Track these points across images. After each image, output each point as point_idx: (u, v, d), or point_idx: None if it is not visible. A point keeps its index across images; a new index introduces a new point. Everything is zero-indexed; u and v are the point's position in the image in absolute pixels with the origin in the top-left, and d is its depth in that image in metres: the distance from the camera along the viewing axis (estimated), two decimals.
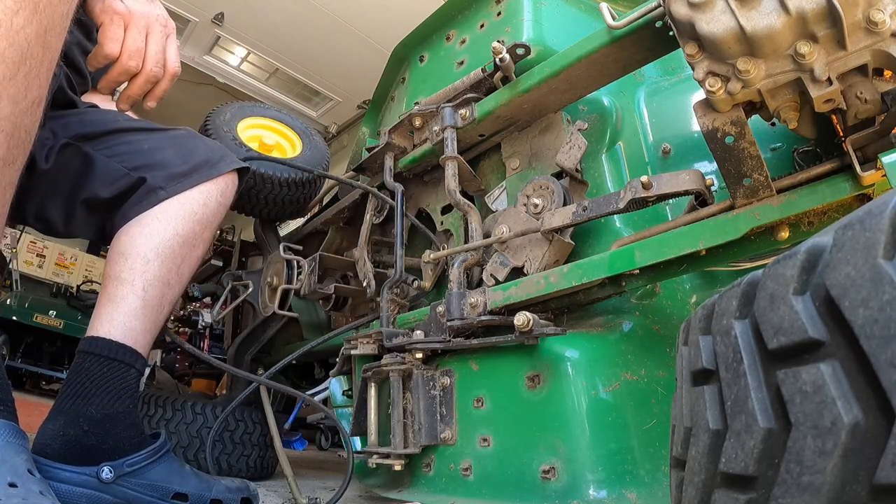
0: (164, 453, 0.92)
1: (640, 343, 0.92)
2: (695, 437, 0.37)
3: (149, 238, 1.02)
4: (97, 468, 0.85)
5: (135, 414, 0.94)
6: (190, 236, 1.06)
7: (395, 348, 1.03)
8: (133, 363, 0.96)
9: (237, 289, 1.73)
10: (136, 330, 0.97)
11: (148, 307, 0.99)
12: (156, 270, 1.00)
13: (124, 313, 0.97)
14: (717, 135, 0.70)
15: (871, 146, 0.68)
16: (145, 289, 0.99)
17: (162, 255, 1.01)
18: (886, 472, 0.24)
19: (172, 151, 1.09)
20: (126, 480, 0.87)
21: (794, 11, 0.58)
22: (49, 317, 5.59)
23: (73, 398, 0.90)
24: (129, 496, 0.87)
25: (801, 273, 0.31)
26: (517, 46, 1.01)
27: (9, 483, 0.68)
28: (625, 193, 0.84)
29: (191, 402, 1.53)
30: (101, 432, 0.88)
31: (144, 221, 1.03)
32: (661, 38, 0.85)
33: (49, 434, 0.87)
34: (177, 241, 1.04)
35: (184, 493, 0.90)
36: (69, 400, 0.90)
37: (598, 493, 0.77)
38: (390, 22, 4.26)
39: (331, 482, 1.60)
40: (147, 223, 1.03)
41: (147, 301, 0.99)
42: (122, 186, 1.04)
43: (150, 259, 1.00)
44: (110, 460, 0.86)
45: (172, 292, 1.04)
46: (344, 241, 1.58)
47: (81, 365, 0.93)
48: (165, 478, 0.90)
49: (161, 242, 1.02)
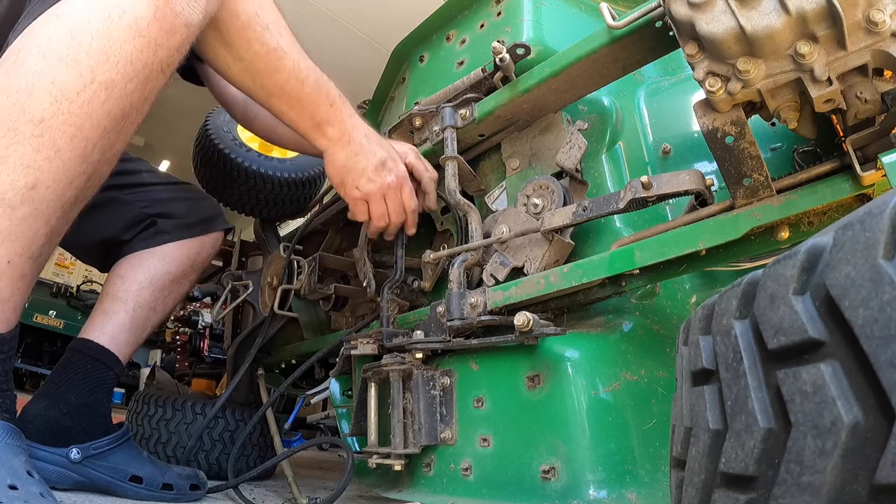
0: (125, 441, 1.06)
1: (640, 343, 0.92)
2: (695, 437, 0.37)
3: (146, 270, 1.23)
4: (67, 450, 0.97)
5: (106, 407, 1.10)
6: (180, 275, 1.28)
7: (395, 348, 1.03)
8: (113, 366, 1.13)
9: (237, 289, 1.73)
10: (121, 341, 1.15)
11: (135, 324, 1.18)
12: (147, 296, 1.21)
13: (114, 325, 1.15)
14: (717, 135, 0.70)
15: (871, 146, 0.68)
16: (135, 309, 1.18)
17: (154, 286, 1.23)
18: (886, 472, 0.24)
19: (183, 205, 1.33)
20: (91, 462, 1.00)
21: (794, 11, 0.58)
22: (49, 317, 5.60)
23: (58, 385, 1.06)
24: (93, 476, 1.00)
25: (801, 273, 0.31)
26: (517, 46, 1.01)
27: (9, 485, 0.69)
28: (625, 193, 0.84)
29: (191, 402, 1.53)
30: (77, 416, 1.03)
31: (145, 256, 1.24)
32: (661, 38, 0.85)
33: (32, 413, 1.01)
34: (168, 278, 1.25)
35: (139, 476, 1.03)
36: (54, 387, 1.06)
37: (598, 493, 0.77)
38: (390, 22, 4.26)
39: (331, 482, 1.60)
40: (147, 258, 1.24)
41: (135, 319, 1.18)
42: (139, 229, 1.26)
43: (145, 286, 1.21)
44: (79, 443, 0.99)
45: (157, 317, 1.25)
46: (344, 241, 1.58)
47: (70, 360, 1.10)
48: (125, 462, 1.03)
49: (156, 275, 1.23)
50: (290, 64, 0.91)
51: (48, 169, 0.70)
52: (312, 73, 0.95)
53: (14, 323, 0.77)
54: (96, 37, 0.71)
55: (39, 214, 0.72)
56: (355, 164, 1.03)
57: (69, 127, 0.70)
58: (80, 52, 0.70)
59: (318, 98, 0.96)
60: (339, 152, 1.02)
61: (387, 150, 1.06)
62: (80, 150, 0.72)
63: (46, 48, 0.70)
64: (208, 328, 2.89)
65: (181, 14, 0.76)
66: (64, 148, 0.71)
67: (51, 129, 0.69)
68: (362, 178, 1.04)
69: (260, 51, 0.88)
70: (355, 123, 1.02)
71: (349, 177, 1.04)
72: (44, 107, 0.69)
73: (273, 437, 1.47)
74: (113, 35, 0.71)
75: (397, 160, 1.07)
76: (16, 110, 0.69)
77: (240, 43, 0.87)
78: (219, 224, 1.38)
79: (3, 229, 0.70)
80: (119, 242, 1.26)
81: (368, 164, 1.03)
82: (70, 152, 0.71)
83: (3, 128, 0.69)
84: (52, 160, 0.70)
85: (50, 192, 0.72)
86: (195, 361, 3.00)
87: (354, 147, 1.02)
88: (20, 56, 0.71)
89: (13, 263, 0.72)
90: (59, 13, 0.72)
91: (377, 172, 1.04)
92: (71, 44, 0.70)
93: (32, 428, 0.97)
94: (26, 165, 0.69)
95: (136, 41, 0.73)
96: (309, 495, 1.19)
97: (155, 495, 1.04)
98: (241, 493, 1.15)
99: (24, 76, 0.69)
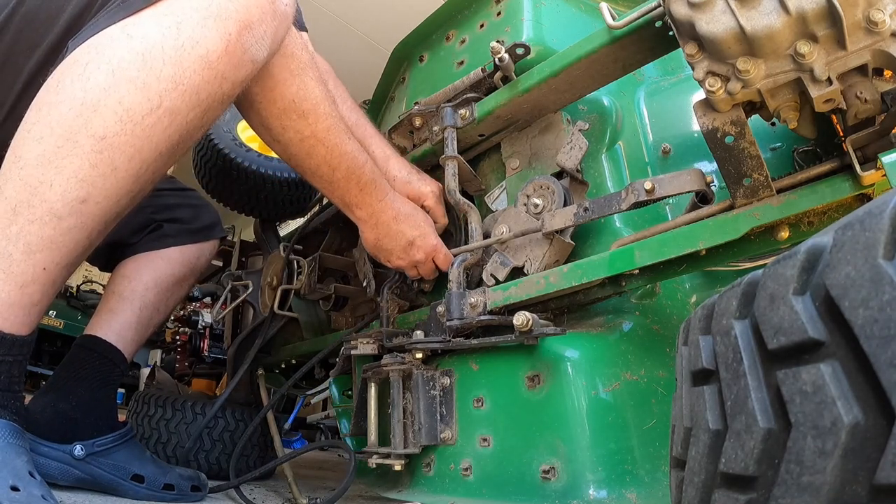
0: (128, 439, 1.06)
1: (640, 343, 0.92)
2: (695, 437, 0.37)
3: (152, 271, 1.27)
4: (71, 446, 0.97)
5: (113, 403, 1.13)
6: (181, 278, 1.33)
7: (395, 348, 1.03)
8: (120, 364, 1.15)
9: (237, 289, 1.72)
10: (127, 339, 1.18)
11: (140, 323, 1.21)
12: (152, 297, 1.25)
13: (120, 323, 1.18)
14: (717, 135, 0.70)
15: (871, 146, 0.68)
16: (141, 309, 1.22)
17: (159, 286, 1.27)
18: (886, 472, 0.24)
19: (189, 211, 1.39)
20: (94, 459, 1.00)
21: (794, 11, 0.58)
22: (49, 317, 5.59)
23: (67, 379, 1.08)
24: (95, 473, 1.00)
25: (801, 273, 0.31)
26: (517, 46, 1.01)
27: (11, 487, 0.68)
28: (626, 195, 0.84)
29: (191, 402, 1.53)
30: (85, 410, 1.04)
31: (150, 257, 1.29)
32: (661, 38, 0.85)
33: (41, 405, 1.02)
34: (172, 280, 1.30)
35: (141, 475, 1.03)
36: (63, 380, 1.08)
37: (598, 493, 0.77)
38: (390, 22, 4.26)
39: (331, 482, 1.60)
40: (152, 259, 1.29)
41: (140, 318, 1.21)
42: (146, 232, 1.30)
43: (150, 287, 1.25)
44: (84, 439, 0.99)
45: (160, 316, 1.29)
46: (344, 241, 1.58)
47: (78, 355, 1.12)
48: (127, 460, 1.03)
49: (160, 277, 1.28)
50: (321, 152, 0.94)
51: (101, 185, 0.71)
52: (345, 159, 0.97)
53: (34, 327, 0.77)
54: (168, 63, 0.71)
55: (84, 227, 0.73)
56: (384, 244, 1.08)
57: (129, 148, 0.71)
58: (151, 77, 0.71)
59: (349, 184, 0.99)
60: (368, 231, 1.07)
61: (417, 228, 1.07)
62: (135, 171, 0.73)
63: (116, 67, 0.70)
64: (208, 328, 2.88)
65: (249, 50, 0.77)
66: (121, 167, 0.72)
67: (111, 147, 0.70)
68: (392, 256, 1.09)
69: (294, 138, 0.91)
70: (384, 207, 1.04)
71: (380, 254, 1.11)
72: (108, 125, 0.69)
73: (273, 437, 1.47)
74: (184, 64, 0.72)
75: (427, 236, 1.08)
76: (78, 123, 0.69)
77: (276, 128, 0.91)
78: (218, 231, 1.45)
79: (47, 238, 0.70)
80: (124, 245, 1.29)
81: (396, 246, 1.07)
82: (126, 172, 0.72)
83: (62, 138, 0.69)
84: (107, 177, 0.71)
85: (98, 208, 0.72)
86: (195, 361, 2.99)
87: (382, 230, 1.06)
88: (87, 70, 0.70)
89: (48, 271, 0.72)
90: (131, 34, 0.72)
91: (405, 252, 1.08)
92: (143, 67, 0.70)
93: (40, 419, 0.99)
94: (81, 179, 0.69)
95: (205, 72, 0.74)
96: (309, 495, 1.19)
97: (156, 495, 1.04)
98: (241, 494, 1.15)
99: (90, 91, 0.69)
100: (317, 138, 0.93)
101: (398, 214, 1.06)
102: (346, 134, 0.96)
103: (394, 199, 1.06)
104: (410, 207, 1.09)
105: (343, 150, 0.96)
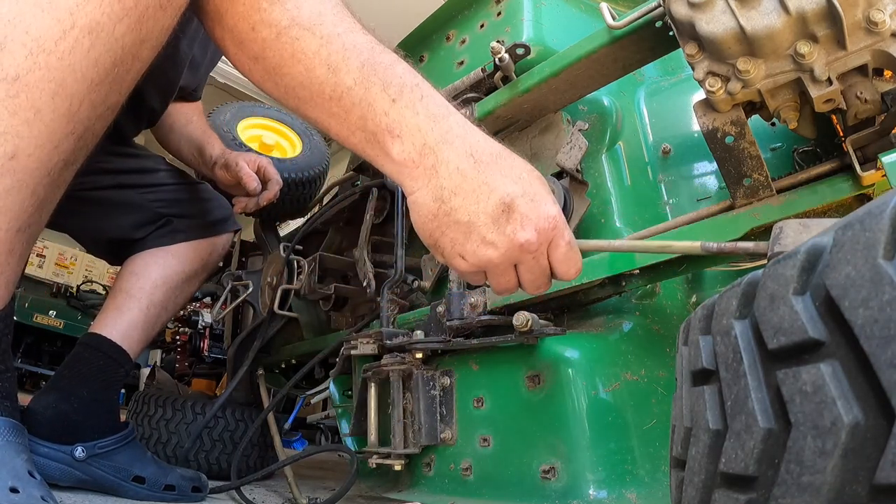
0: (130, 440, 1.06)
1: (640, 343, 0.92)
2: (695, 437, 0.37)
3: (161, 268, 1.22)
4: (72, 447, 0.96)
5: (115, 404, 1.10)
6: (192, 275, 1.27)
7: (395, 348, 1.03)
8: (124, 364, 1.12)
9: (237, 289, 1.72)
10: (133, 338, 1.13)
11: (147, 322, 1.17)
12: (160, 294, 1.20)
13: (127, 322, 1.14)
14: (717, 135, 0.70)
15: (871, 146, 0.68)
16: (149, 307, 1.17)
17: (168, 284, 1.22)
18: (886, 472, 0.24)
19: (199, 205, 1.33)
20: (95, 460, 0.99)
21: (794, 11, 0.58)
22: (49, 317, 5.59)
23: (69, 379, 1.04)
24: (96, 474, 0.99)
25: (801, 273, 0.31)
26: (517, 46, 1.01)
27: (10, 488, 0.67)
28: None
29: (191, 402, 1.53)
30: (87, 412, 1.02)
31: (160, 254, 1.23)
32: (661, 38, 0.85)
33: (42, 404, 0.99)
34: (181, 277, 1.25)
35: (142, 476, 1.03)
36: (65, 380, 1.04)
37: (598, 493, 0.77)
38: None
39: (331, 482, 1.60)
40: (162, 255, 1.23)
41: (147, 317, 1.17)
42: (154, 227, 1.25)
43: (158, 284, 1.20)
44: (86, 440, 0.98)
45: (167, 315, 1.24)
46: (344, 241, 1.58)
47: (81, 354, 1.08)
48: (129, 462, 1.03)
49: (170, 274, 1.22)
50: (312, 45, 0.60)
51: (28, 134, 0.61)
52: (355, 52, 0.61)
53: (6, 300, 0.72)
54: None
55: (24, 185, 0.63)
56: (453, 211, 0.59)
57: (49, 83, 0.60)
58: None
59: (368, 92, 0.59)
60: (420, 189, 0.60)
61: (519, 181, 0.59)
62: (65, 109, 0.62)
63: None
64: (208, 328, 2.89)
65: None
66: (44, 108, 0.60)
67: (27, 87, 0.59)
68: (470, 240, 0.59)
69: (269, 37, 0.62)
70: (446, 134, 0.59)
71: (443, 238, 0.61)
72: (18, 62, 0.58)
73: (273, 437, 1.47)
74: None
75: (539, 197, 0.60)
76: None
77: (246, 34, 0.63)
78: (230, 225, 1.39)
79: None
80: (131, 240, 1.25)
81: (477, 213, 0.58)
82: (52, 113, 0.61)
83: None
84: (31, 123, 0.60)
85: (33, 160, 0.62)
86: (195, 361, 3.00)
87: (446, 180, 0.59)
88: None
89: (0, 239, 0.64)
90: None
91: (496, 225, 0.59)
92: None
93: (42, 419, 0.97)
94: (2, 132, 0.60)
95: None
96: (309, 495, 1.19)
97: (157, 496, 1.04)
98: (242, 494, 1.15)
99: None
100: (302, 27, 0.61)
101: (476, 150, 0.59)
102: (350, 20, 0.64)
103: (464, 123, 0.61)
104: (500, 146, 0.62)
105: (348, 42, 0.61)
